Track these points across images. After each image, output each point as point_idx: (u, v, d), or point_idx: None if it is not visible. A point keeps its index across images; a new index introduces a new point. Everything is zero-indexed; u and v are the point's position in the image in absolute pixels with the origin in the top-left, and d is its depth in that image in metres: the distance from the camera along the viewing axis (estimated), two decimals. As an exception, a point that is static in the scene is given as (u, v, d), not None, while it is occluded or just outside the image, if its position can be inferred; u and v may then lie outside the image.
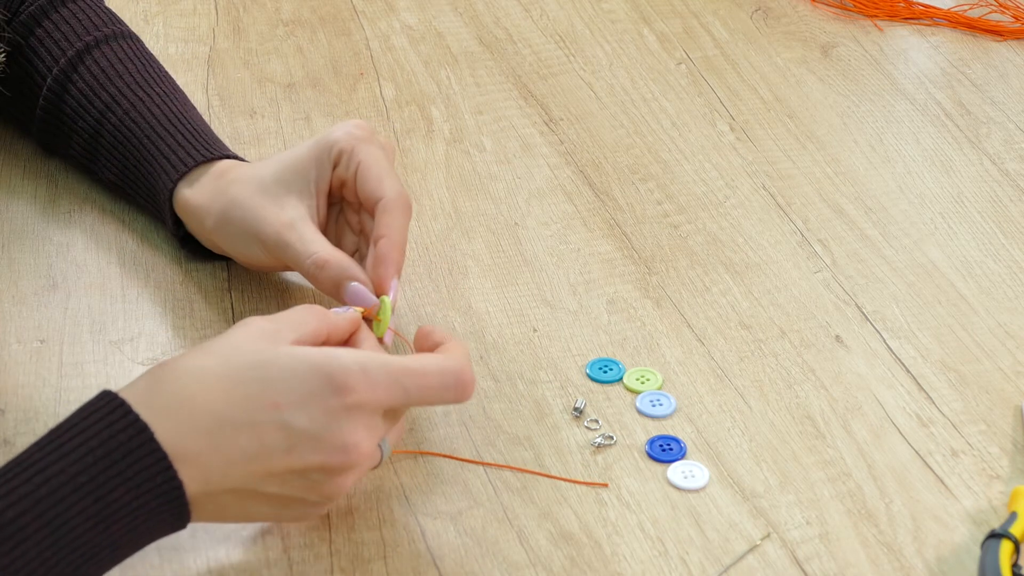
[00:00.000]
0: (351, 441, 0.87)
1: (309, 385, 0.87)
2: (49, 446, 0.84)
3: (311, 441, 0.87)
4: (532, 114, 1.37)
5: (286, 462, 0.87)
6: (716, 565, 0.94)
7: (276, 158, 1.09)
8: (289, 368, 0.87)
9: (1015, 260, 1.21)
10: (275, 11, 1.51)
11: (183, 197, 1.12)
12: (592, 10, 1.53)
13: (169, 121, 1.16)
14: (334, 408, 0.87)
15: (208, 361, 0.88)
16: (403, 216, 1.04)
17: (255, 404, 0.87)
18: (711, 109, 1.38)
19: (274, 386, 0.87)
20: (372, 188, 1.05)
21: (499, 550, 0.95)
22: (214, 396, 0.86)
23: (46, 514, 0.82)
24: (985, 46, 1.49)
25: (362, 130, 1.07)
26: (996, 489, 1.00)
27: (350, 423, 0.87)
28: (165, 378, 0.87)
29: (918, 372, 1.09)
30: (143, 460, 0.84)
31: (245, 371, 0.87)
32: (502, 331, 1.12)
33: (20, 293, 1.13)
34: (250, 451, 0.86)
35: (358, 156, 1.05)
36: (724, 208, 1.26)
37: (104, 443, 0.84)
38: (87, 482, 0.83)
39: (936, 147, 1.34)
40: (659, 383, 1.07)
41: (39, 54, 1.21)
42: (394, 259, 1.03)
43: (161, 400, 0.86)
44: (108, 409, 0.85)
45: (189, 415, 0.86)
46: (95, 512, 0.83)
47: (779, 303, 1.15)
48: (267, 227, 1.06)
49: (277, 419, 0.87)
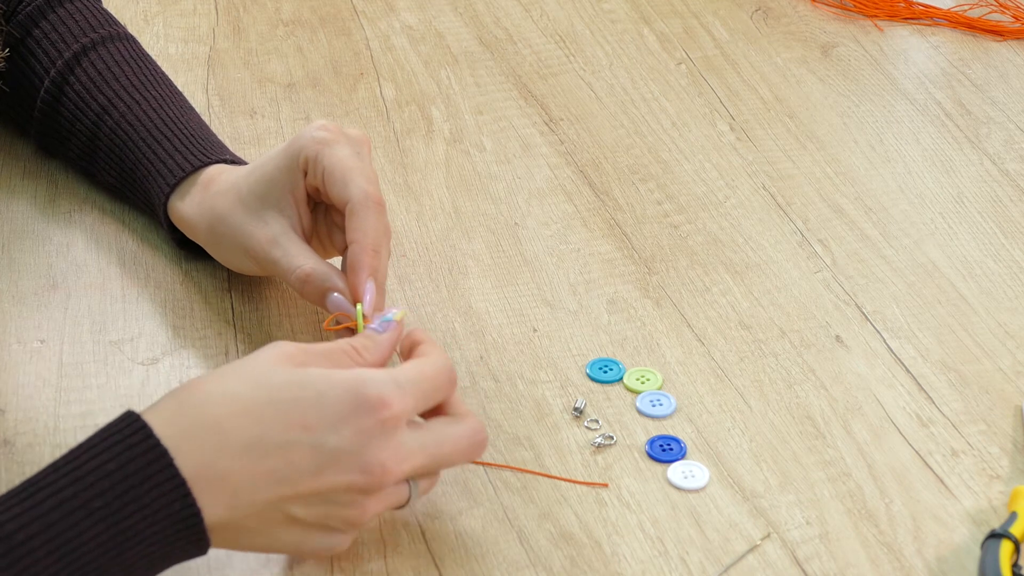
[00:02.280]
0: (378, 460, 0.87)
1: (342, 405, 0.86)
2: (65, 467, 0.83)
3: (339, 461, 0.86)
4: (532, 114, 1.37)
5: (314, 483, 0.86)
6: (716, 565, 0.94)
7: (254, 167, 1.08)
8: (321, 389, 0.87)
9: (1015, 260, 1.21)
10: (275, 11, 1.50)
11: (175, 209, 1.12)
12: (592, 10, 1.53)
13: (165, 124, 1.16)
14: (366, 427, 0.86)
15: (236, 385, 0.87)
16: (372, 216, 1.02)
17: (287, 426, 0.86)
18: (711, 109, 1.38)
19: (306, 408, 0.86)
20: (339, 193, 1.03)
21: (499, 550, 0.95)
22: (244, 420, 0.85)
23: (57, 538, 0.81)
24: (985, 46, 1.49)
25: (326, 131, 1.04)
26: (996, 489, 1.00)
27: (378, 442, 0.87)
28: (192, 402, 0.86)
29: (918, 372, 1.09)
30: (161, 486, 0.83)
31: (275, 392, 0.86)
32: (502, 331, 1.12)
33: (20, 293, 1.13)
34: (279, 473, 0.86)
35: (323, 161, 1.03)
36: (724, 208, 1.26)
37: (122, 467, 0.83)
38: (101, 507, 0.82)
39: (936, 147, 1.34)
40: (659, 383, 1.07)
41: (36, 55, 1.21)
42: (365, 263, 1.01)
43: (187, 423, 0.85)
44: (130, 431, 0.84)
45: (217, 439, 0.85)
46: (108, 538, 0.82)
47: (779, 303, 1.15)
48: (254, 243, 1.06)
49: (308, 440, 0.86)
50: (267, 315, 1.12)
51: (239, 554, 0.93)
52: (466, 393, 1.06)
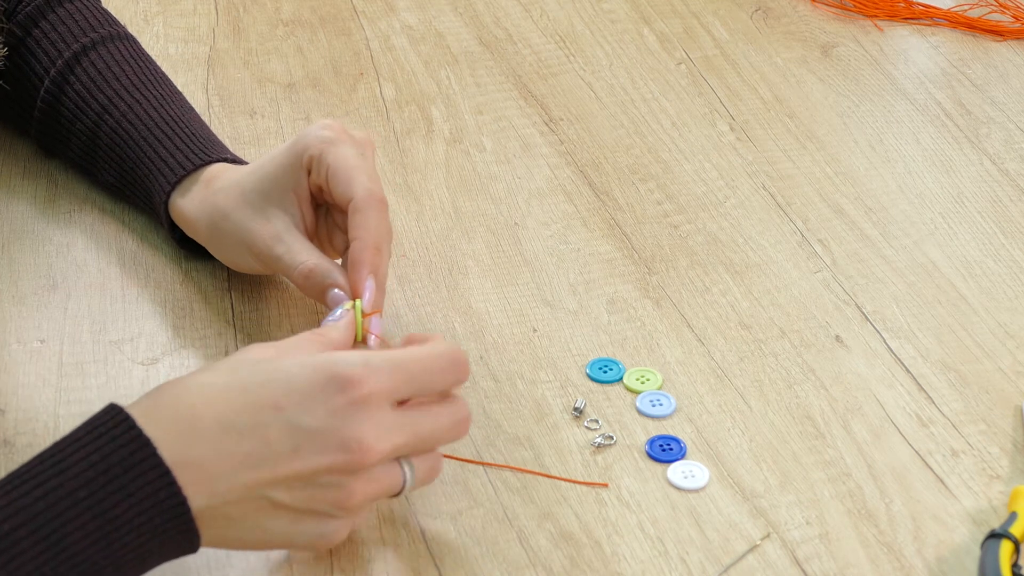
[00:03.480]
0: (355, 437, 0.87)
1: (312, 384, 0.87)
2: (50, 459, 0.83)
3: (316, 440, 0.86)
4: (532, 114, 1.37)
5: (292, 465, 0.86)
6: (716, 565, 0.94)
7: (257, 166, 1.08)
8: (292, 370, 0.87)
9: (1015, 260, 1.21)
10: (275, 11, 1.51)
11: (177, 206, 1.12)
12: (592, 10, 1.53)
13: (166, 123, 1.16)
14: (339, 405, 0.86)
15: (209, 375, 0.88)
16: (375, 214, 1.02)
17: (258, 407, 0.86)
18: (711, 109, 1.38)
19: (277, 388, 0.87)
20: (342, 191, 1.03)
21: (499, 550, 0.95)
22: (218, 405, 0.86)
23: (42, 529, 0.81)
24: (985, 46, 1.49)
25: (331, 130, 1.05)
26: (996, 489, 1.00)
27: (355, 419, 0.87)
28: (169, 392, 0.87)
29: (918, 372, 1.09)
30: (145, 475, 0.83)
31: (247, 377, 0.87)
32: (502, 331, 1.12)
33: (20, 293, 1.13)
34: (255, 455, 0.86)
35: (327, 160, 1.04)
36: (724, 208, 1.26)
37: (105, 457, 0.83)
38: (86, 497, 0.82)
39: (936, 147, 1.34)
40: (659, 383, 1.07)
41: (36, 55, 1.21)
42: (366, 261, 1.01)
43: (164, 413, 0.86)
44: (113, 423, 0.85)
45: (192, 425, 0.85)
46: (95, 528, 0.82)
47: (779, 303, 1.15)
48: (257, 239, 1.06)
49: (281, 420, 0.86)
50: (267, 315, 1.12)
51: (239, 554, 0.93)
52: (466, 393, 1.06)
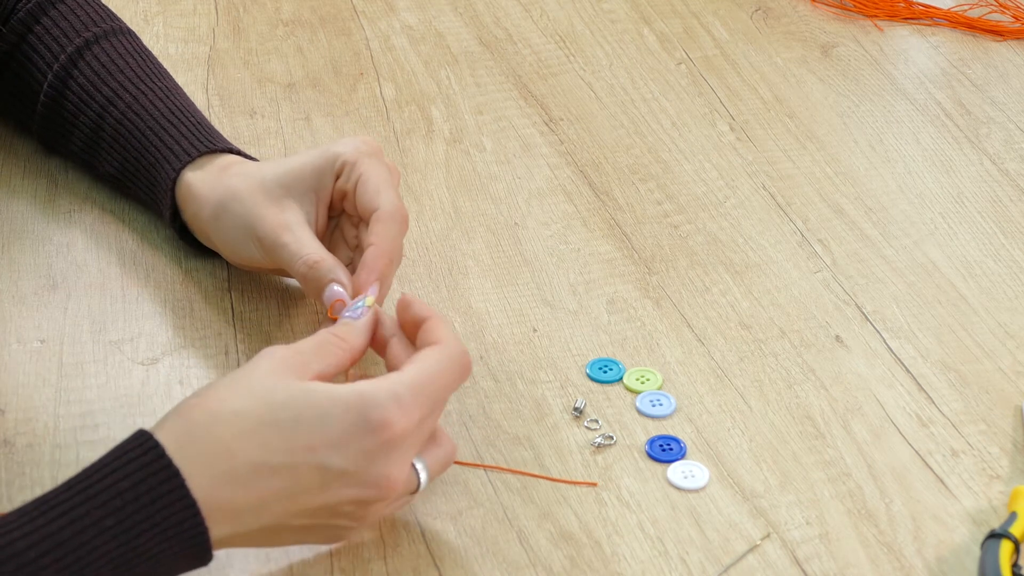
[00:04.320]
0: (384, 474, 0.88)
1: (344, 425, 0.87)
2: (78, 485, 0.83)
3: (346, 479, 0.87)
4: (532, 114, 1.37)
5: (319, 499, 0.88)
6: (716, 565, 0.94)
7: (281, 161, 1.09)
8: (324, 406, 0.87)
9: (1015, 260, 1.21)
10: (275, 11, 1.51)
11: (186, 182, 1.12)
12: (592, 10, 1.53)
13: (173, 114, 1.16)
14: (370, 447, 0.87)
15: (240, 403, 0.87)
16: (396, 228, 1.04)
17: (291, 447, 0.86)
18: (711, 109, 1.38)
19: (310, 429, 0.87)
20: (369, 199, 1.05)
21: (499, 550, 0.95)
22: (251, 445, 0.86)
23: (67, 557, 0.81)
24: (985, 46, 1.49)
25: (368, 145, 1.07)
26: (996, 489, 1.00)
27: (387, 459, 0.88)
28: (200, 422, 0.87)
29: (918, 372, 1.09)
30: (172, 506, 0.84)
31: (279, 412, 0.87)
32: (502, 331, 1.12)
33: (20, 293, 1.13)
34: (284, 492, 0.87)
35: (360, 168, 1.06)
36: (724, 208, 1.26)
37: (134, 486, 0.83)
38: (113, 526, 0.82)
39: (936, 147, 1.34)
40: (659, 383, 1.07)
41: (38, 51, 1.21)
42: (378, 267, 1.02)
43: (197, 447, 0.85)
44: (141, 451, 0.85)
45: (225, 464, 0.85)
46: (118, 555, 0.82)
47: (779, 303, 1.15)
48: (265, 225, 1.06)
49: (313, 461, 0.87)
50: (267, 315, 1.12)
51: (239, 554, 0.93)
52: (466, 393, 1.06)
